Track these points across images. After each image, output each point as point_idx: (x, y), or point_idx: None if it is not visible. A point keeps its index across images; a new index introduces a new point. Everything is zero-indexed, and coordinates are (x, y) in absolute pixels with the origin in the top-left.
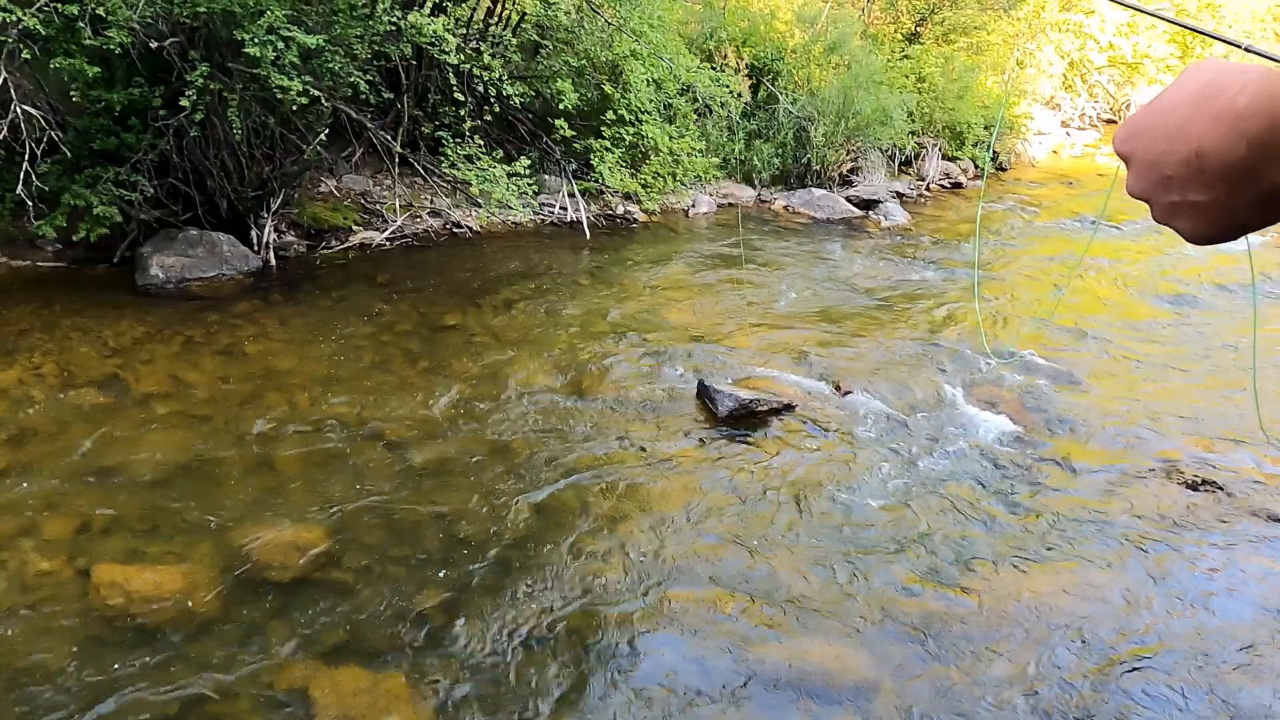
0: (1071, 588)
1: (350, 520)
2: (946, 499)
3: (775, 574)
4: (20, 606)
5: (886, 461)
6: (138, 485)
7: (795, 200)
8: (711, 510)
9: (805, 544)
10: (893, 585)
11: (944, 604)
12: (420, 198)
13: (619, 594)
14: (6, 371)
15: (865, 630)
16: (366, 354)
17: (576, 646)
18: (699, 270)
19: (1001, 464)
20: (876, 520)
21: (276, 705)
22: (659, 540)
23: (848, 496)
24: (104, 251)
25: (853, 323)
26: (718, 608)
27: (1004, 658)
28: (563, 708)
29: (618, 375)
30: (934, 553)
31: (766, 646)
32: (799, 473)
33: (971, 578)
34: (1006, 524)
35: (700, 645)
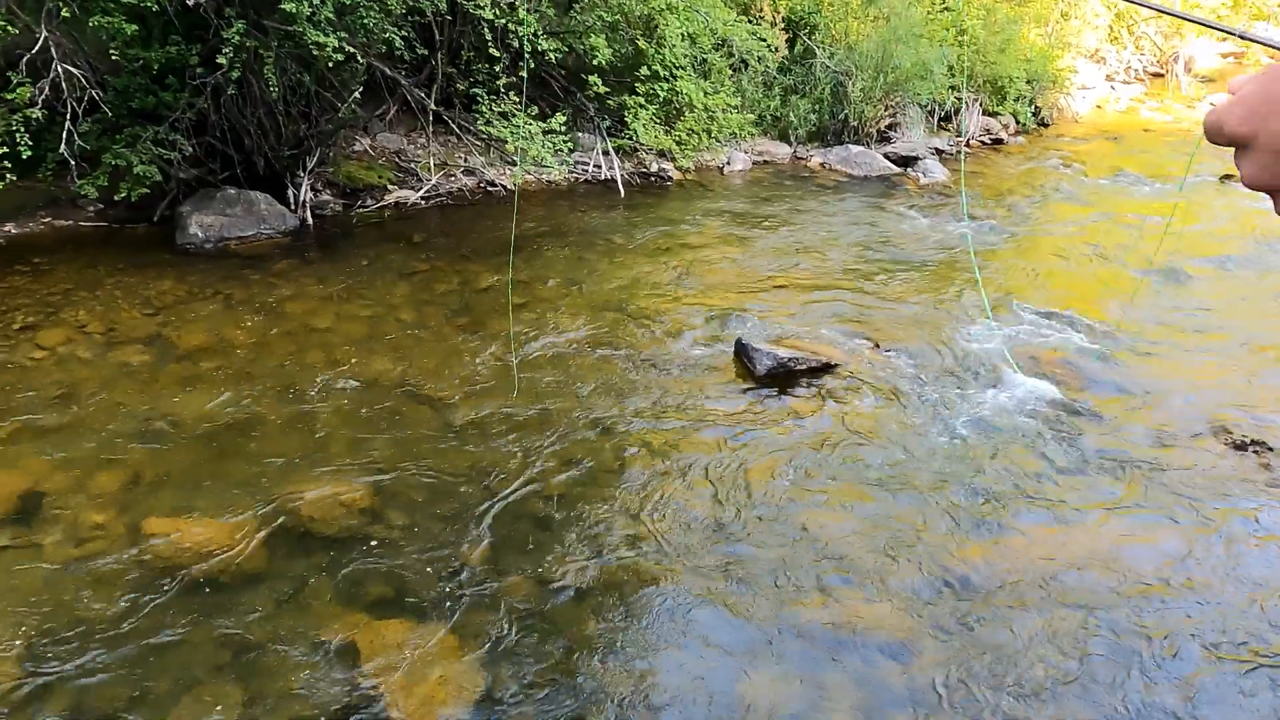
0: (1116, 547)
1: (392, 476)
2: (987, 458)
3: (814, 532)
4: (74, 558)
5: (927, 421)
6: (184, 441)
7: (832, 157)
8: (750, 469)
9: (844, 502)
10: (933, 544)
11: (985, 562)
12: (454, 156)
13: (658, 550)
14: (54, 330)
15: (906, 588)
16: (405, 312)
17: (616, 602)
18: (735, 229)
19: (1043, 424)
20: (916, 479)
21: (324, 656)
22: (697, 498)
23: (887, 455)
24: (144, 211)
25: (891, 281)
26: (757, 564)
27: (1048, 617)
28: (603, 661)
29: (655, 334)
30: (975, 512)
31: (806, 603)
32: (838, 431)
33: (1013, 536)
34: (1049, 483)
35: (739, 601)
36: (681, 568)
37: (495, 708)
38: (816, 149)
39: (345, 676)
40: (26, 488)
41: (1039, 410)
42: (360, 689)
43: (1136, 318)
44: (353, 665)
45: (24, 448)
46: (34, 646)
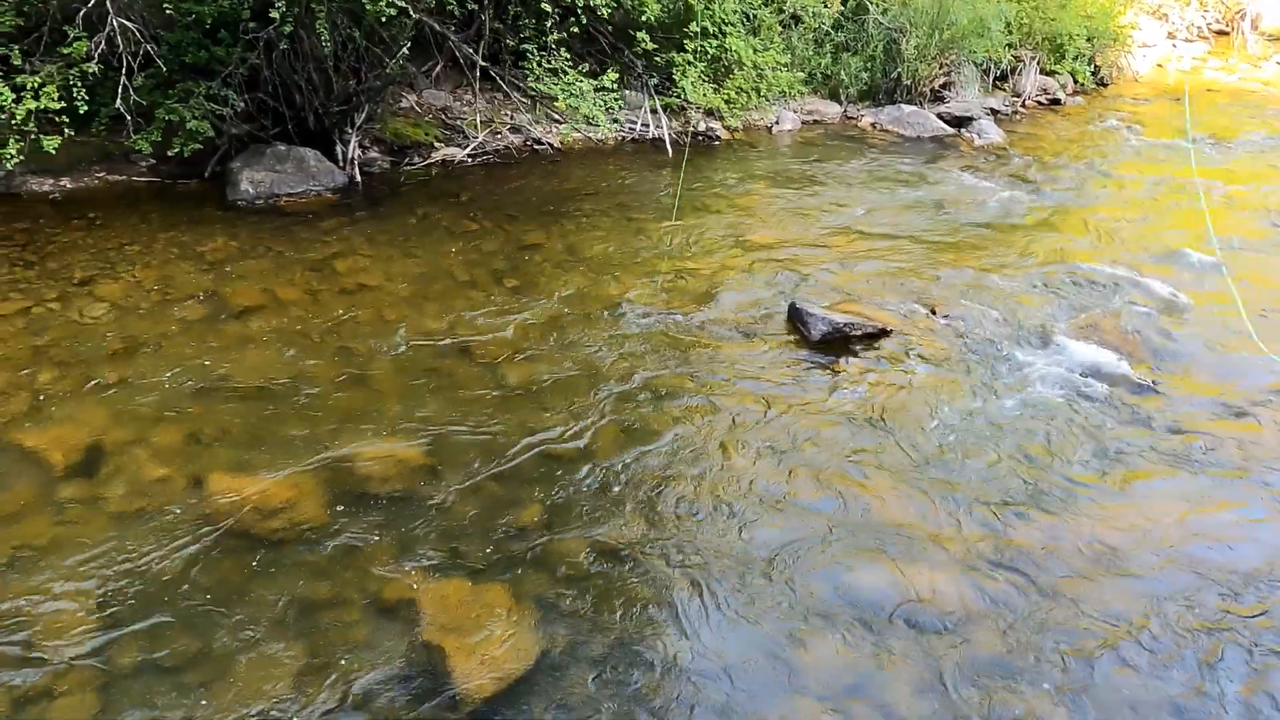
0: (1177, 521)
1: (446, 436)
2: (1046, 428)
3: (870, 500)
4: (137, 511)
5: (984, 390)
6: (241, 397)
7: (883, 117)
8: (804, 435)
9: (901, 471)
10: (990, 515)
11: (1043, 535)
12: (500, 113)
13: (711, 514)
14: (111, 284)
15: (962, 559)
16: (454, 272)
17: (668, 565)
18: (785, 189)
19: (1103, 393)
20: (973, 449)
21: (385, 613)
22: (750, 463)
23: (944, 424)
24: (195, 166)
25: (945, 245)
26: (811, 532)
27: (1107, 591)
28: (657, 626)
29: (705, 296)
30: (1034, 483)
31: (861, 572)
32: (894, 398)
33: (1073, 508)
34: (1109, 454)
35: (793, 567)
36: (734, 532)
37: (553, 669)
38: (867, 108)
39: (406, 635)
40: (90, 441)
41: (1100, 380)
42: (420, 647)
43: (1200, 284)
44: (413, 624)
45: (86, 400)
46: (103, 597)
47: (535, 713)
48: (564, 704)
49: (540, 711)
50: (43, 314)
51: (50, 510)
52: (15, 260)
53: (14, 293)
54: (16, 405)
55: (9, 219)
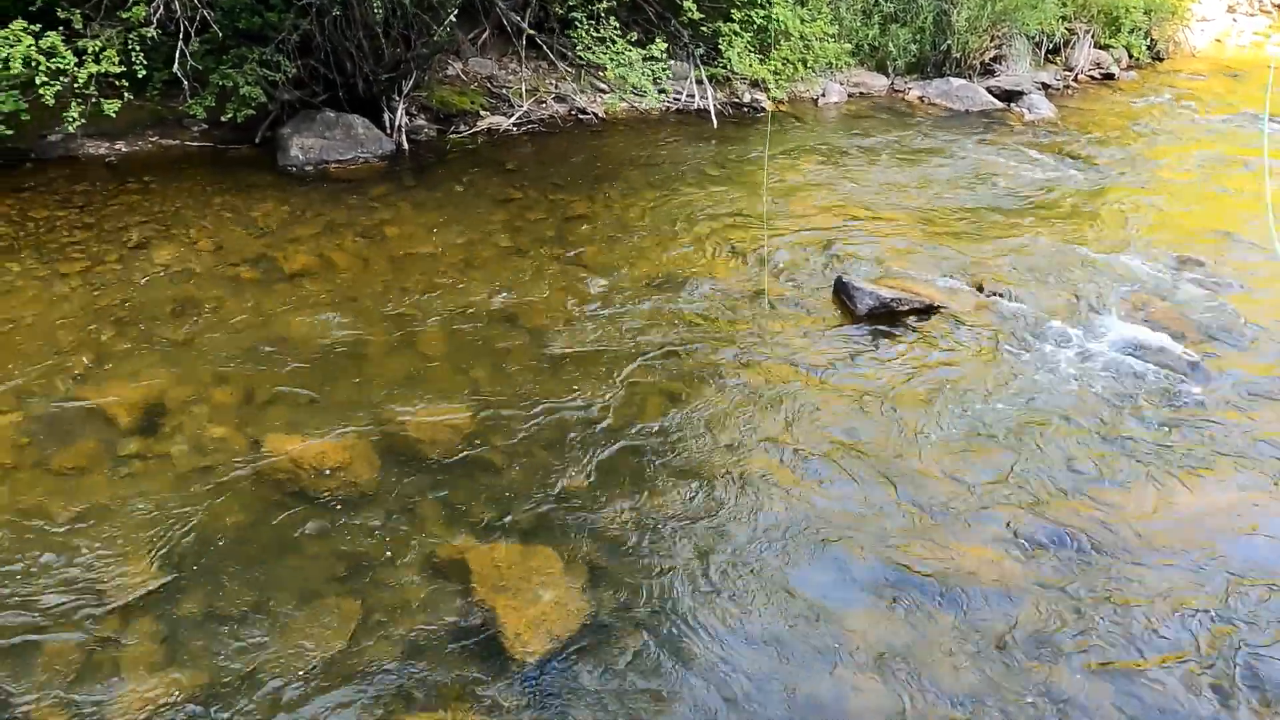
0: (1226, 506)
1: (495, 402)
2: (1095, 410)
3: (918, 476)
4: (198, 468)
5: (1033, 369)
6: (295, 359)
7: (931, 90)
8: (850, 409)
9: (948, 447)
10: (1037, 493)
11: (1090, 515)
12: (546, 82)
13: (755, 486)
14: (167, 247)
15: (1009, 537)
16: (501, 240)
17: (713, 534)
18: (830, 163)
19: (1154, 374)
20: (1020, 428)
21: (437, 573)
22: (793, 435)
23: (991, 402)
24: (246, 132)
25: (994, 222)
26: (855, 504)
27: (1153, 573)
28: (702, 594)
29: (750, 269)
30: (1081, 461)
31: (906, 546)
32: (940, 375)
33: (1120, 490)
34: (1158, 436)
35: (838, 540)
36: (778, 504)
37: (600, 632)
38: (915, 81)
39: (457, 594)
40: (151, 399)
41: (1151, 360)
42: (472, 607)
43: (1254, 265)
44: (464, 584)
45: (146, 360)
46: (167, 550)
47: (583, 674)
48: (611, 666)
49: (588, 673)
50: (102, 274)
51: (115, 465)
52: (75, 222)
53: (75, 253)
54: (80, 362)
55: (69, 181)
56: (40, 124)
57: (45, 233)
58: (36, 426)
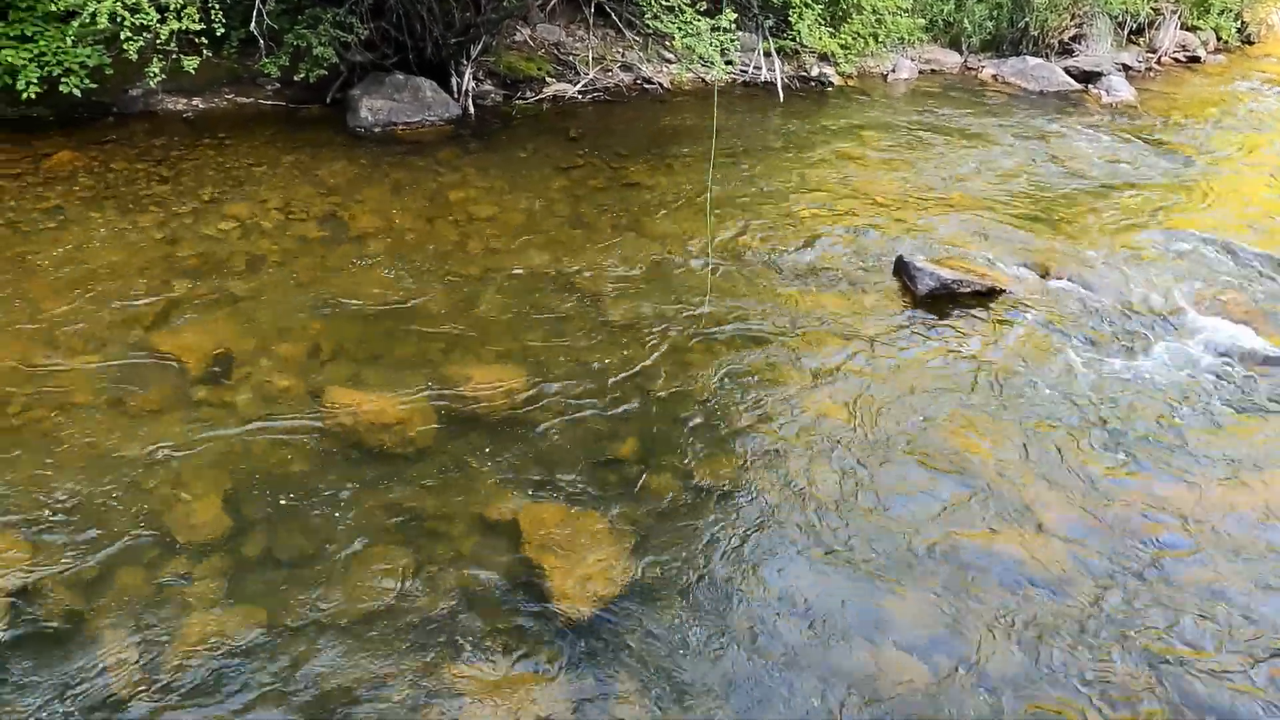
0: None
1: (550, 366)
2: (1163, 398)
3: (967, 458)
4: (264, 417)
5: (1096, 357)
6: (357, 316)
7: (1006, 69)
8: (905, 390)
9: (1002, 432)
10: (1092, 484)
11: (1145, 508)
12: (612, 51)
13: (804, 461)
14: (239, 203)
15: (1061, 525)
16: (561, 207)
17: (759, 507)
18: (897, 139)
19: (1225, 369)
20: (1079, 416)
21: (488, 531)
22: (846, 413)
23: (1051, 389)
24: (317, 92)
25: (1065, 207)
26: (905, 484)
27: (1210, 570)
28: (745, 564)
29: (810, 245)
30: (1139, 456)
31: (955, 529)
32: (1000, 359)
33: (1180, 484)
34: (1225, 432)
35: (886, 519)
36: (828, 480)
37: (644, 596)
38: (989, 59)
39: (506, 551)
40: (220, 349)
41: (1221, 355)
42: (520, 564)
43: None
44: (513, 541)
45: (217, 312)
46: (231, 494)
47: (626, 635)
48: (653, 630)
49: (631, 634)
50: (177, 227)
51: (186, 410)
52: (152, 175)
53: (152, 205)
54: (154, 311)
55: (148, 135)
56: (122, 79)
57: (125, 184)
58: (114, 369)
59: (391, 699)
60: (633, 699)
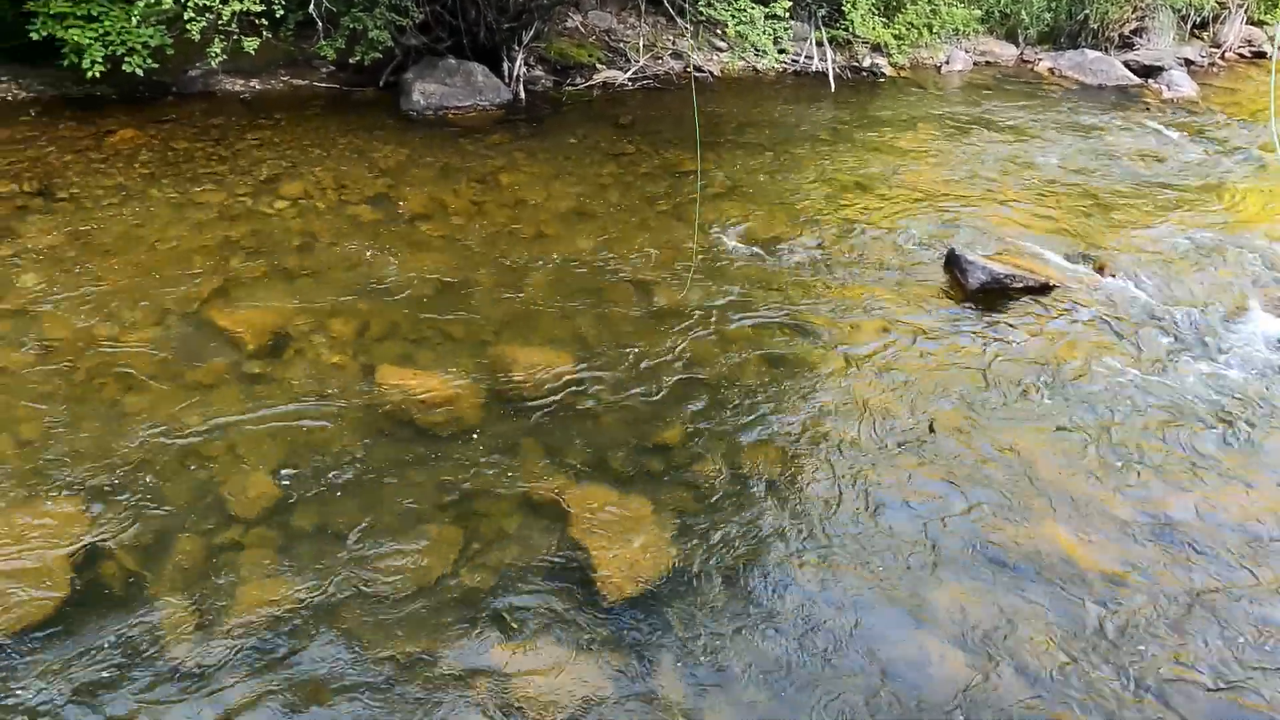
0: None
1: (597, 350)
2: (1223, 401)
3: (1015, 456)
4: (316, 392)
5: (1150, 357)
6: (407, 297)
7: (1063, 62)
8: (952, 384)
9: (1052, 430)
10: (1145, 485)
11: (1203, 512)
12: (662, 38)
13: (848, 453)
14: (294, 183)
15: (1112, 526)
16: (610, 193)
17: (803, 498)
18: (950, 133)
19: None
20: (1132, 416)
21: (534, 510)
22: (893, 406)
23: (1103, 388)
24: (371, 75)
25: (1121, 203)
26: (951, 478)
27: (1264, 572)
28: (787, 554)
29: (860, 236)
30: (1194, 459)
31: (1002, 525)
32: (1051, 356)
33: (1237, 489)
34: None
35: (931, 513)
36: (872, 473)
37: (687, 581)
38: (1046, 52)
39: (552, 532)
40: (275, 326)
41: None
42: (566, 545)
43: None
44: (559, 522)
45: (272, 289)
46: (284, 465)
47: (668, 618)
48: (694, 615)
49: (672, 618)
50: (234, 206)
51: (240, 384)
52: (211, 154)
53: (210, 184)
54: (212, 287)
55: (206, 115)
56: (183, 59)
57: (184, 162)
58: (173, 342)
59: (437, 671)
60: (673, 679)
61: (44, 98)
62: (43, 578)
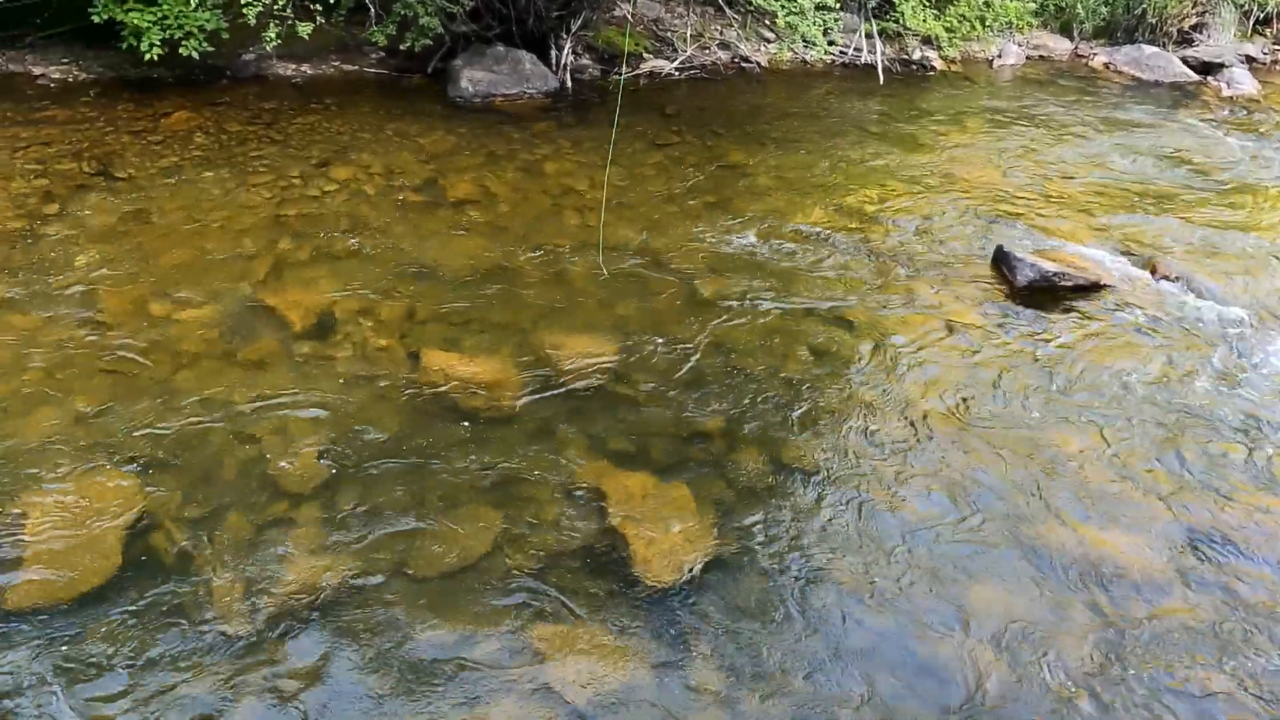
0: None
1: (638, 340)
2: (1271, 412)
3: (1061, 458)
4: (362, 375)
5: (1204, 362)
6: (452, 281)
7: (1119, 57)
8: (998, 383)
9: (1100, 435)
10: (1195, 493)
11: (1254, 523)
12: (710, 28)
13: (891, 450)
14: (344, 167)
15: (1161, 532)
16: (654, 183)
17: (843, 493)
18: (1001, 128)
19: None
20: (1184, 423)
21: (573, 497)
22: (936, 404)
23: (1153, 393)
24: (420, 62)
25: (1177, 203)
26: (995, 478)
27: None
28: (828, 549)
29: (906, 230)
30: (1246, 469)
31: (1045, 526)
32: (1100, 359)
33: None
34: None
35: (974, 512)
36: (913, 470)
37: (726, 571)
38: (1102, 46)
39: (592, 518)
40: (323, 307)
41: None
42: (605, 531)
43: None
44: (599, 509)
45: (320, 271)
46: (331, 445)
47: (706, 609)
48: (732, 606)
49: (710, 609)
50: (285, 188)
51: (289, 364)
52: (263, 137)
53: (262, 167)
54: (262, 268)
55: (259, 99)
56: (237, 43)
57: (237, 145)
58: (225, 322)
59: (475, 654)
60: (710, 669)
61: (103, 79)
62: (96, 547)
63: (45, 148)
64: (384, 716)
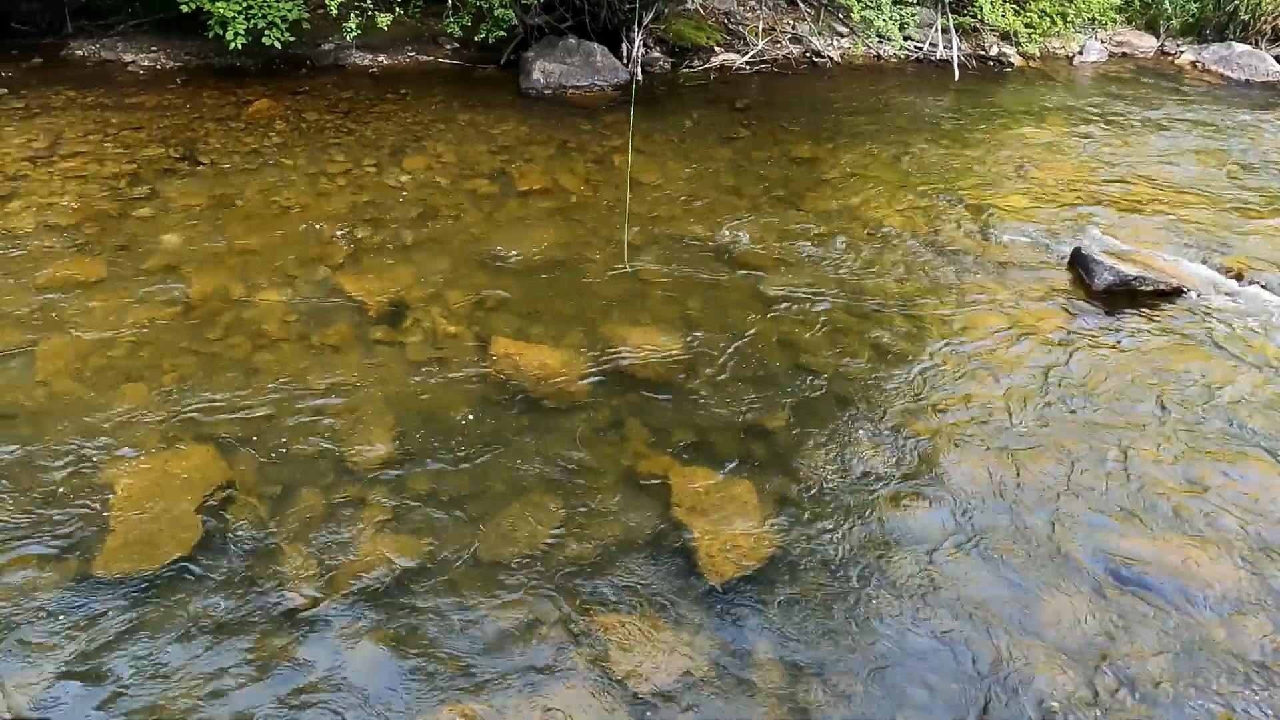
0: None
1: (704, 333)
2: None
3: (1136, 465)
4: (433, 360)
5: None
6: (521, 271)
7: (1207, 56)
8: (1075, 386)
9: (1179, 443)
10: (1267, 501)
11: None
12: (783, 22)
13: (958, 452)
14: (418, 157)
15: (1239, 544)
16: (724, 177)
17: (908, 496)
18: (1080, 127)
19: None
20: (1260, 433)
21: (637, 488)
22: (1007, 406)
23: (1236, 402)
24: (493, 53)
25: (1265, 207)
26: (1066, 484)
27: None
28: (890, 551)
29: (980, 230)
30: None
31: (1115, 534)
32: (1178, 364)
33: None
34: None
35: (1043, 518)
36: (983, 472)
37: (788, 567)
38: (1189, 44)
39: (655, 510)
40: (396, 294)
41: None
42: (668, 524)
43: None
44: (662, 501)
45: (393, 258)
46: (401, 429)
47: (767, 604)
48: (794, 602)
49: (772, 604)
50: (361, 176)
51: (363, 348)
52: (340, 126)
53: (339, 155)
54: (338, 254)
55: (337, 88)
56: (316, 33)
57: (315, 133)
58: (302, 306)
59: (539, 639)
60: (770, 664)
61: (189, 67)
62: (178, 520)
63: (135, 132)
64: (445, 696)
